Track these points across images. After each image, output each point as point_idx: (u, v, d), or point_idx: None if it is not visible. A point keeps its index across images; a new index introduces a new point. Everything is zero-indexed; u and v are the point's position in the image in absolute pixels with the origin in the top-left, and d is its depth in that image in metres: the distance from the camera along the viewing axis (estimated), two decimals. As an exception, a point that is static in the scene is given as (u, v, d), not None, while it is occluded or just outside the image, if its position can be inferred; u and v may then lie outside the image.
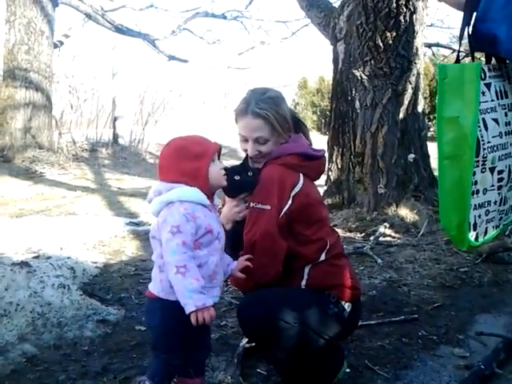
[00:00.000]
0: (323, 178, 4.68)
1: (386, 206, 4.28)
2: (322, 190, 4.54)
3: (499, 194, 1.65)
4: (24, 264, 2.51)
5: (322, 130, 14.02)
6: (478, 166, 1.55)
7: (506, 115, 1.64)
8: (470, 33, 1.54)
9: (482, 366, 1.87)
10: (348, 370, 1.86)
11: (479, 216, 1.61)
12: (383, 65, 4.18)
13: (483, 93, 1.54)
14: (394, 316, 2.42)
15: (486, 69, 1.56)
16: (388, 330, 2.29)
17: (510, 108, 1.66)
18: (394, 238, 3.90)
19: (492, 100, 1.58)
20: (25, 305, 2.24)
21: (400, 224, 4.07)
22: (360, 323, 2.11)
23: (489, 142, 1.56)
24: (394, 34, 4.12)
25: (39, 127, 7.77)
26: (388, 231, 3.98)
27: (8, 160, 7.38)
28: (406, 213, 4.17)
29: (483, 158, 1.56)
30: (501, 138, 1.61)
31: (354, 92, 4.43)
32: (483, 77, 1.54)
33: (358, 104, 4.40)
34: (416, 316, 2.42)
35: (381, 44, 4.15)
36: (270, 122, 1.71)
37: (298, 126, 1.86)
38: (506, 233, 3.74)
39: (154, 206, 1.50)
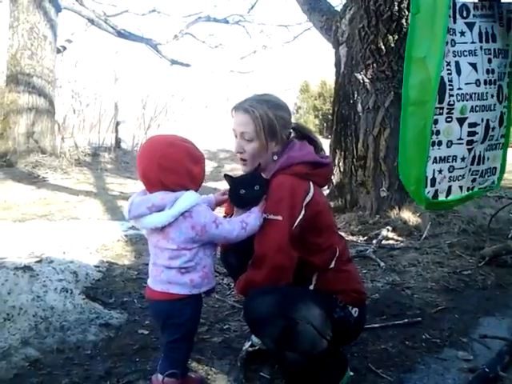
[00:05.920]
0: (325, 181, 4.67)
1: (388, 209, 4.27)
2: (324, 194, 4.53)
3: (470, 150, 1.47)
4: (27, 268, 2.51)
5: (324, 133, 14.03)
6: (441, 114, 1.37)
7: (490, 62, 1.41)
8: None
9: (487, 369, 1.86)
10: (351, 374, 1.86)
11: (440, 171, 1.46)
12: (385, 68, 4.18)
13: (463, 32, 1.34)
14: (397, 319, 2.42)
15: (470, 6, 1.37)
16: (391, 333, 2.28)
17: (497, 54, 1.42)
18: (396, 241, 3.89)
19: (473, 42, 1.38)
20: (28, 309, 2.25)
21: (403, 227, 4.07)
22: (363, 326, 2.10)
23: (459, 89, 1.36)
24: (396, 37, 4.13)
25: (42, 132, 7.80)
26: (391, 234, 3.98)
27: (11, 165, 7.41)
28: (408, 216, 4.16)
29: (449, 105, 1.37)
30: (478, 86, 1.41)
31: (356, 95, 4.43)
32: (465, 15, 1.35)
33: (360, 107, 4.40)
34: (419, 319, 2.41)
35: (383, 47, 4.16)
36: (254, 120, 1.70)
37: (305, 136, 1.88)
38: (510, 236, 3.73)
39: (159, 219, 1.52)
